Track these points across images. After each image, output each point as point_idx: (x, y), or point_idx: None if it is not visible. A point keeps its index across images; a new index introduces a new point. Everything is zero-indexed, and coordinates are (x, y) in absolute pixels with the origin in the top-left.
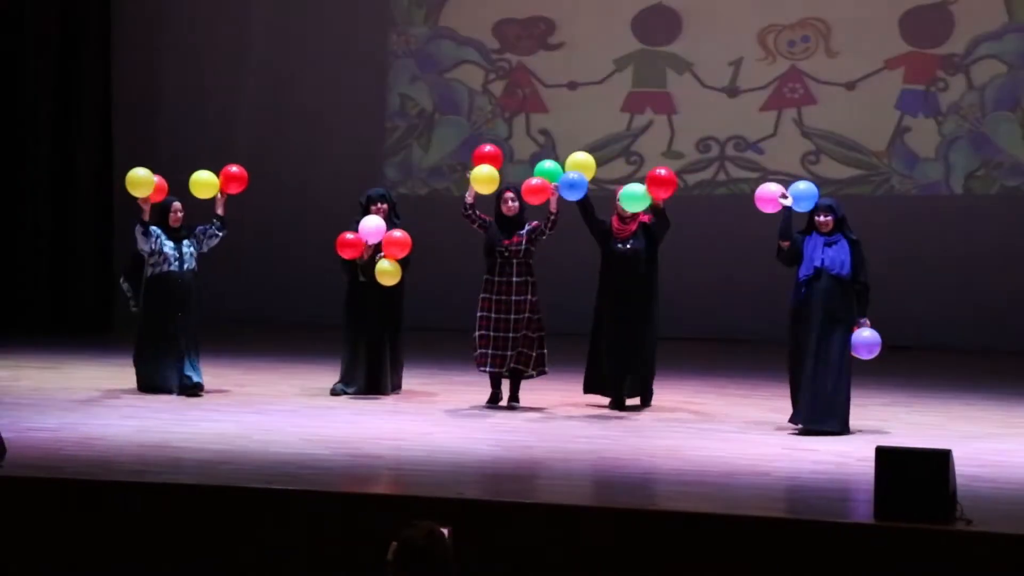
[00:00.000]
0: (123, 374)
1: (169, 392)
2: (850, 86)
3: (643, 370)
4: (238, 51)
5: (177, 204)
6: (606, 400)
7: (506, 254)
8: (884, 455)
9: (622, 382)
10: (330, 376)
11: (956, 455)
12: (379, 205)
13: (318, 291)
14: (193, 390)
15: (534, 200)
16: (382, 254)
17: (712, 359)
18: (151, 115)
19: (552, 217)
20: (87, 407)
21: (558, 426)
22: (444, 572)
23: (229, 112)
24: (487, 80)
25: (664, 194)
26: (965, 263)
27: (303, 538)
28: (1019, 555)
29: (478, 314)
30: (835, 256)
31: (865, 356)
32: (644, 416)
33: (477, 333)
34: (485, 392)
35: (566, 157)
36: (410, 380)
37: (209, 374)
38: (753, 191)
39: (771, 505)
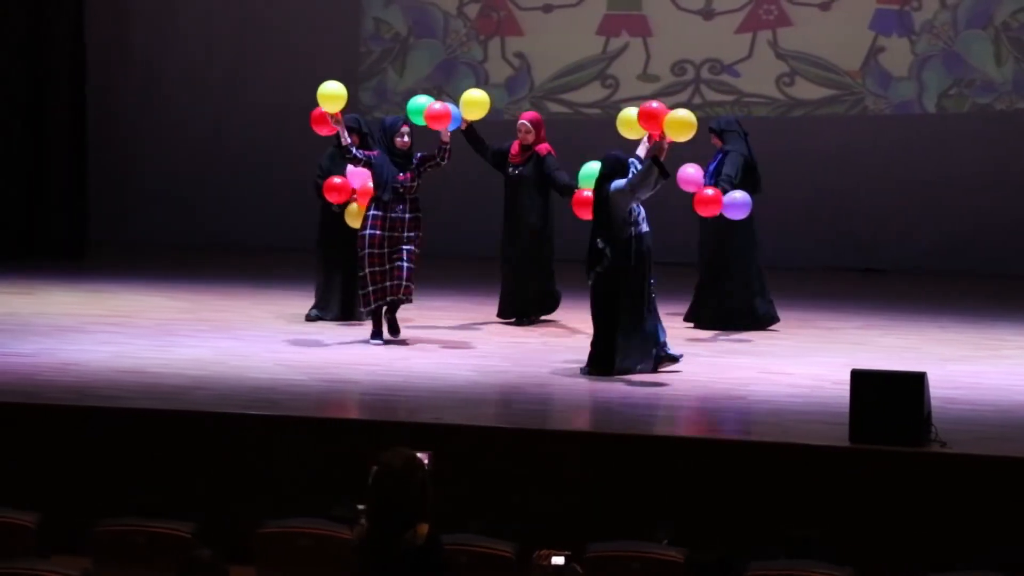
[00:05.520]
0: (98, 300)
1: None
2: (824, 7)
3: (542, 287)
4: None
5: None
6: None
7: (400, 190)
8: (859, 378)
9: (523, 301)
10: (304, 301)
11: (931, 378)
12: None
13: (291, 215)
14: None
15: (437, 126)
16: (355, 196)
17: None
18: (125, 37)
19: (446, 147)
20: (63, 333)
21: (534, 351)
22: (422, 496)
23: (205, 38)
24: (462, 3)
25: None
26: (939, 183)
27: (280, 463)
28: (993, 477)
29: (367, 251)
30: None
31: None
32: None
33: (369, 270)
34: (460, 317)
35: (541, 80)
36: None
37: (184, 300)
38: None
39: (748, 429)
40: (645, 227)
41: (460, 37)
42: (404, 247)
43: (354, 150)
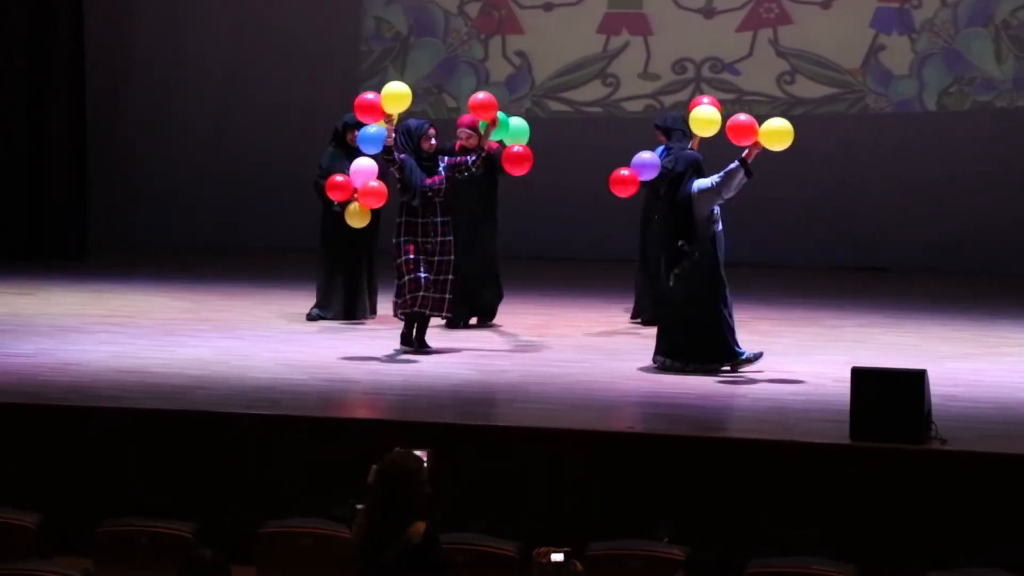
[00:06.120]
0: (99, 300)
1: None
2: (825, 5)
3: (498, 284)
4: None
5: None
6: (575, 326)
7: (429, 194)
8: (860, 376)
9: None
10: (305, 301)
11: (931, 375)
12: (355, 132)
13: (292, 215)
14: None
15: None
16: (356, 196)
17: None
18: (125, 38)
19: (484, 153)
20: (64, 333)
21: (534, 350)
22: (422, 495)
23: (204, 36)
24: (462, 1)
25: (521, 171)
26: (939, 182)
27: (281, 463)
28: (993, 475)
29: (410, 257)
30: None
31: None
32: (621, 340)
33: (414, 276)
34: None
35: (542, 79)
36: (385, 305)
37: (185, 299)
38: (729, 113)
39: (748, 427)
40: (720, 226)
41: (461, 36)
42: (442, 258)
43: (395, 152)
